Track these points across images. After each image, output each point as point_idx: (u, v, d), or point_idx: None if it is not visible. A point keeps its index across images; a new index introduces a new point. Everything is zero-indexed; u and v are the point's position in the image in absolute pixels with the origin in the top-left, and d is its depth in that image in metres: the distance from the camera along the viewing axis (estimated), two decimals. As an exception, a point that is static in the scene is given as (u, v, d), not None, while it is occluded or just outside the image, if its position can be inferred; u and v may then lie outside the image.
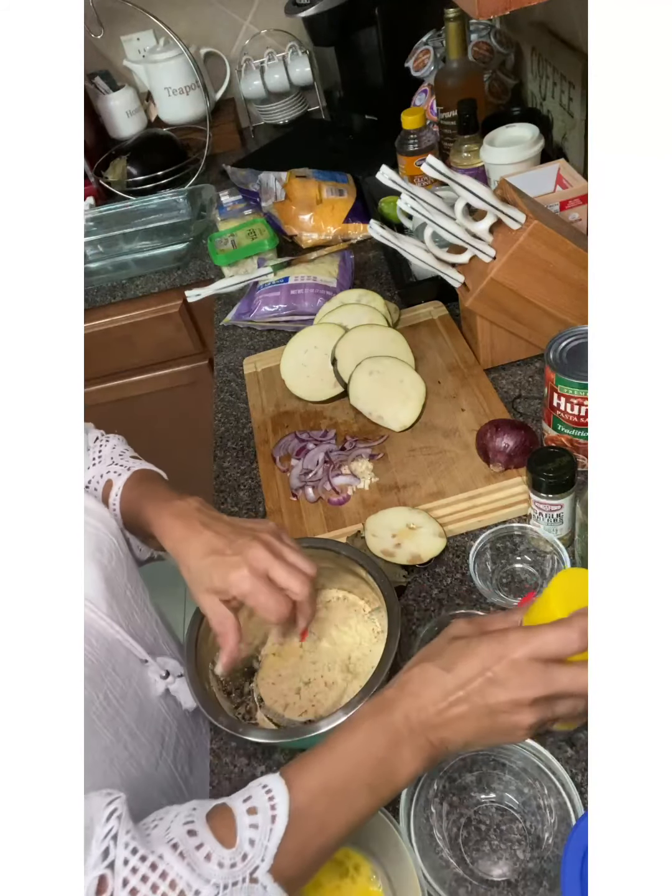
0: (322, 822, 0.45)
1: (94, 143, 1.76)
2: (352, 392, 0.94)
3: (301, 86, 1.85)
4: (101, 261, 1.53)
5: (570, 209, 0.96)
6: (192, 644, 0.66)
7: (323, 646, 0.72)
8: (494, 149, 1.07)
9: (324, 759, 0.47)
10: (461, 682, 0.46)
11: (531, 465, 0.69)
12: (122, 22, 1.79)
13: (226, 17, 1.82)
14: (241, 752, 0.68)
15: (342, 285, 1.17)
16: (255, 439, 0.99)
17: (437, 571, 0.77)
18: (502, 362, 0.99)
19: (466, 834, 0.58)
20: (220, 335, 1.24)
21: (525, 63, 1.38)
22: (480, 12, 0.62)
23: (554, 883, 0.53)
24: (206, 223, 1.49)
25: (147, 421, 1.69)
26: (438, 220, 0.83)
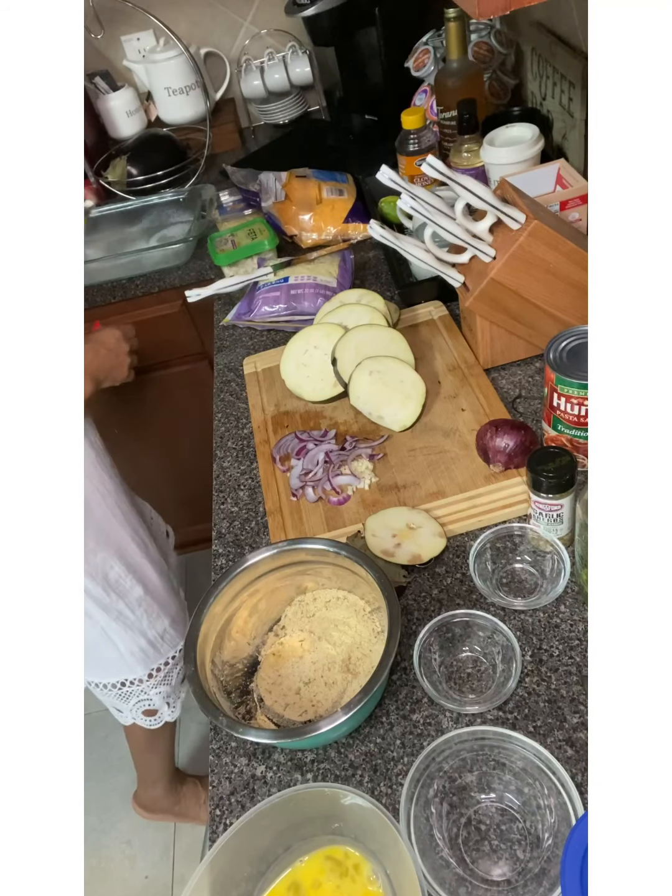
0: None
1: (94, 143, 1.76)
2: (352, 392, 0.94)
3: (301, 86, 1.85)
4: (101, 261, 1.52)
5: (570, 209, 0.96)
6: (192, 644, 0.66)
7: (323, 646, 0.72)
8: (494, 149, 1.07)
9: None
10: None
11: (531, 465, 0.69)
12: (122, 22, 1.79)
13: (226, 17, 1.82)
14: (241, 752, 0.68)
15: (342, 285, 1.17)
16: (255, 439, 0.99)
17: (437, 571, 0.77)
18: (502, 362, 0.99)
19: (466, 834, 0.58)
20: (220, 335, 1.24)
21: (525, 63, 1.38)
22: (480, 12, 0.62)
23: (554, 883, 0.53)
24: (206, 223, 1.49)
25: (147, 421, 1.69)
26: (438, 220, 0.83)
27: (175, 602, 1.22)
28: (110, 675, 1.18)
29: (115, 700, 1.22)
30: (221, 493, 0.94)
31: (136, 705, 1.23)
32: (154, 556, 1.18)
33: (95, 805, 1.64)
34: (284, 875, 0.58)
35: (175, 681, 1.24)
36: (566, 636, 0.69)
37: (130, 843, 1.59)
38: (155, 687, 1.21)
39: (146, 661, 1.18)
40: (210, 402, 1.12)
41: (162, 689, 1.22)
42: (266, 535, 0.86)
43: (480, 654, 0.69)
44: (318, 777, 0.65)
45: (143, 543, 1.16)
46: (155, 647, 1.18)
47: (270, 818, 0.56)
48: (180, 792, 1.51)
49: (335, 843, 0.59)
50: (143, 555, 1.15)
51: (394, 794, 0.62)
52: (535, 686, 0.66)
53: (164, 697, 1.24)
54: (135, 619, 1.13)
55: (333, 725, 0.57)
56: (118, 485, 1.14)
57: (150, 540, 1.19)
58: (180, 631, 1.22)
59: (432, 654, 0.69)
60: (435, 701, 0.66)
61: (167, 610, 1.19)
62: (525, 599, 0.72)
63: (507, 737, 0.59)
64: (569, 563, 0.71)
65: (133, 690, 1.20)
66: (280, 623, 0.75)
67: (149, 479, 1.45)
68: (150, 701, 1.23)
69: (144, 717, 1.26)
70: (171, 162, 1.70)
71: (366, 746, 0.65)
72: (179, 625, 1.22)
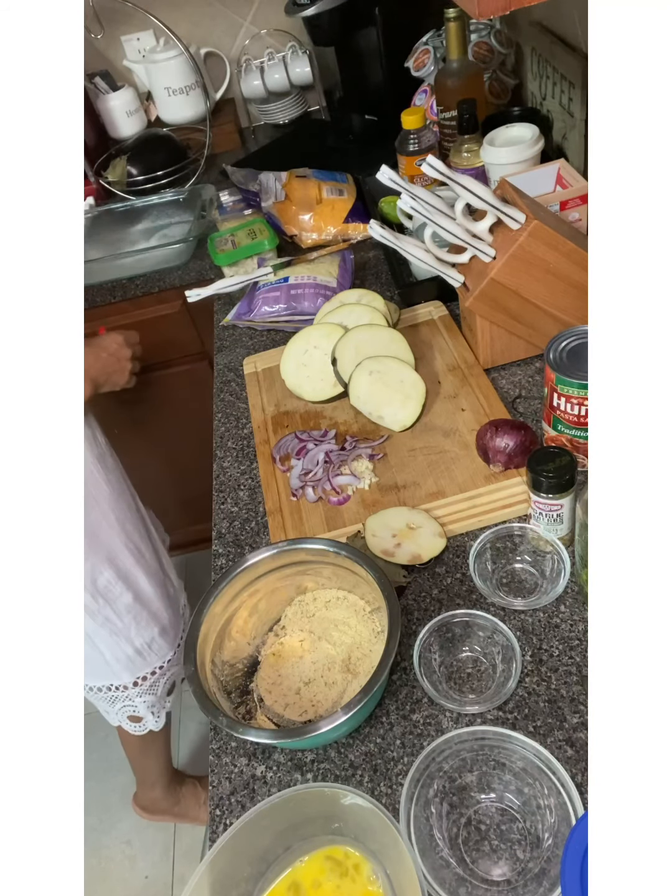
0: None
1: (94, 143, 1.76)
2: (352, 392, 0.94)
3: (301, 86, 1.85)
4: (101, 261, 1.52)
5: (570, 209, 0.96)
6: (192, 644, 0.66)
7: (323, 646, 0.72)
8: (494, 149, 1.07)
9: None
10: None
11: (531, 465, 0.69)
12: (122, 22, 1.79)
13: (226, 17, 1.82)
14: (241, 752, 0.68)
15: (342, 285, 1.17)
16: (255, 439, 0.99)
17: (437, 571, 0.77)
18: (502, 362, 0.99)
19: (466, 834, 0.58)
20: (220, 335, 1.24)
21: (525, 63, 1.38)
22: (480, 12, 0.62)
23: (554, 883, 0.53)
24: (206, 223, 1.49)
25: (147, 421, 1.69)
26: (438, 220, 0.83)
27: (168, 611, 1.20)
28: (96, 678, 1.17)
29: (102, 702, 1.21)
30: (221, 493, 0.94)
31: (121, 710, 1.22)
32: (149, 564, 1.16)
33: (95, 805, 1.64)
34: (284, 875, 0.58)
35: (161, 691, 1.22)
36: (566, 636, 0.69)
37: (130, 843, 1.59)
38: (140, 696, 1.20)
39: (132, 668, 1.16)
40: (210, 402, 1.12)
41: (147, 699, 1.21)
42: (266, 535, 0.86)
43: (480, 654, 0.69)
44: (318, 777, 0.65)
45: (138, 550, 1.14)
46: (142, 656, 1.16)
47: (270, 818, 0.56)
48: (179, 793, 1.51)
49: (335, 843, 0.59)
50: (135, 562, 1.13)
51: (394, 794, 0.62)
52: (535, 686, 0.66)
53: (149, 706, 1.22)
54: (122, 626, 1.12)
55: (333, 725, 0.57)
56: (116, 489, 1.12)
57: (147, 547, 1.17)
58: (170, 641, 1.20)
59: (432, 654, 0.69)
60: (435, 701, 0.66)
61: (157, 619, 1.17)
62: (525, 599, 0.72)
63: (507, 737, 0.59)
64: (569, 563, 0.71)
65: (118, 695, 1.19)
66: (280, 623, 0.75)
67: (148, 479, 1.45)
68: (134, 708, 1.22)
69: (130, 722, 1.25)
70: (171, 162, 1.70)
71: (366, 746, 0.65)
72: (169, 634, 1.20)
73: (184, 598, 1.28)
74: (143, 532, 1.18)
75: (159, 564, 1.20)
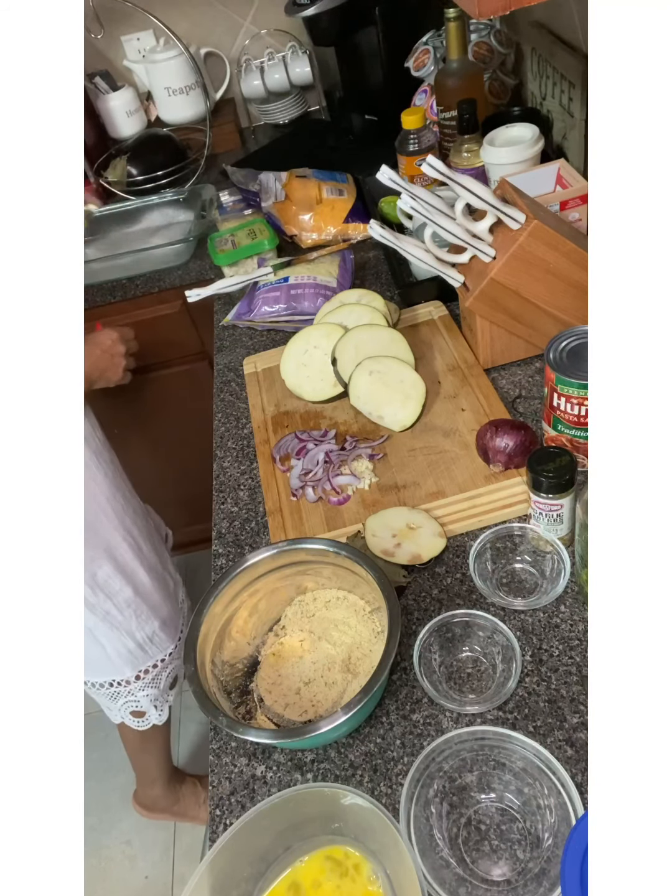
0: None
1: (94, 143, 1.76)
2: (352, 392, 0.94)
3: (301, 86, 1.85)
4: (101, 261, 1.52)
5: (570, 209, 0.96)
6: (193, 644, 0.66)
7: (323, 646, 0.72)
8: (494, 149, 1.07)
9: None
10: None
11: (531, 465, 0.69)
12: (122, 22, 1.79)
13: (226, 17, 1.82)
14: (241, 752, 0.68)
15: (342, 285, 1.17)
16: (255, 439, 0.99)
17: (437, 571, 0.77)
18: (502, 362, 0.99)
19: (466, 834, 0.58)
20: (220, 335, 1.24)
21: (525, 63, 1.38)
22: (480, 12, 0.62)
23: (554, 883, 0.53)
24: (206, 223, 1.49)
25: (147, 421, 1.69)
26: (438, 220, 0.83)
27: (168, 605, 1.21)
28: (98, 674, 1.18)
29: (104, 699, 1.22)
30: (221, 493, 0.94)
31: (123, 705, 1.22)
32: (148, 558, 1.17)
33: (95, 805, 1.64)
34: (284, 875, 0.58)
35: (163, 684, 1.23)
36: (566, 636, 0.69)
37: (130, 843, 1.59)
38: (142, 689, 1.20)
39: (134, 662, 1.17)
40: (210, 402, 1.12)
41: (150, 692, 1.21)
42: (266, 535, 0.86)
43: (480, 654, 0.69)
44: (318, 777, 0.65)
45: (137, 545, 1.14)
46: (143, 649, 1.17)
47: (270, 818, 0.56)
48: (179, 791, 1.51)
49: (335, 843, 0.59)
50: (134, 556, 1.13)
51: (394, 794, 0.62)
52: (535, 686, 0.66)
53: (152, 700, 1.23)
54: (123, 620, 1.12)
55: (333, 725, 0.57)
56: (113, 483, 1.13)
57: (146, 541, 1.18)
58: (170, 634, 1.21)
59: (432, 654, 0.69)
60: (435, 701, 0.66)
61: (158, 612, 1.18)
62: (525, 599, 0.72)
63: (507, 737, 0.59)
64: (569, 563, 0.71)
65: (121, 691, 1.20)
66: (280, 623, 0.75)
67: (148, 479, 1.45)
68: (137, 703, 1.22)
69: (132, 717, 1.25)
70: (171, 162, 1.70)
71: (366, 746, 0.65)
72: (170, 628, 1.21)
73: (182, 592, 1.28)
74: (142, 526, 1.18)
75: (158, 558, 1.21)
